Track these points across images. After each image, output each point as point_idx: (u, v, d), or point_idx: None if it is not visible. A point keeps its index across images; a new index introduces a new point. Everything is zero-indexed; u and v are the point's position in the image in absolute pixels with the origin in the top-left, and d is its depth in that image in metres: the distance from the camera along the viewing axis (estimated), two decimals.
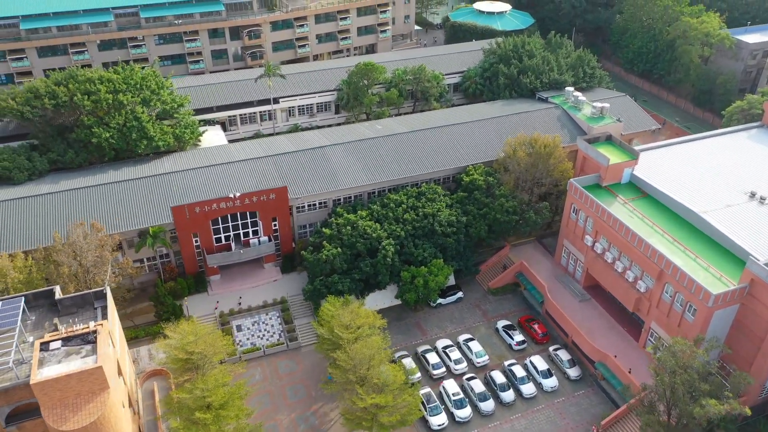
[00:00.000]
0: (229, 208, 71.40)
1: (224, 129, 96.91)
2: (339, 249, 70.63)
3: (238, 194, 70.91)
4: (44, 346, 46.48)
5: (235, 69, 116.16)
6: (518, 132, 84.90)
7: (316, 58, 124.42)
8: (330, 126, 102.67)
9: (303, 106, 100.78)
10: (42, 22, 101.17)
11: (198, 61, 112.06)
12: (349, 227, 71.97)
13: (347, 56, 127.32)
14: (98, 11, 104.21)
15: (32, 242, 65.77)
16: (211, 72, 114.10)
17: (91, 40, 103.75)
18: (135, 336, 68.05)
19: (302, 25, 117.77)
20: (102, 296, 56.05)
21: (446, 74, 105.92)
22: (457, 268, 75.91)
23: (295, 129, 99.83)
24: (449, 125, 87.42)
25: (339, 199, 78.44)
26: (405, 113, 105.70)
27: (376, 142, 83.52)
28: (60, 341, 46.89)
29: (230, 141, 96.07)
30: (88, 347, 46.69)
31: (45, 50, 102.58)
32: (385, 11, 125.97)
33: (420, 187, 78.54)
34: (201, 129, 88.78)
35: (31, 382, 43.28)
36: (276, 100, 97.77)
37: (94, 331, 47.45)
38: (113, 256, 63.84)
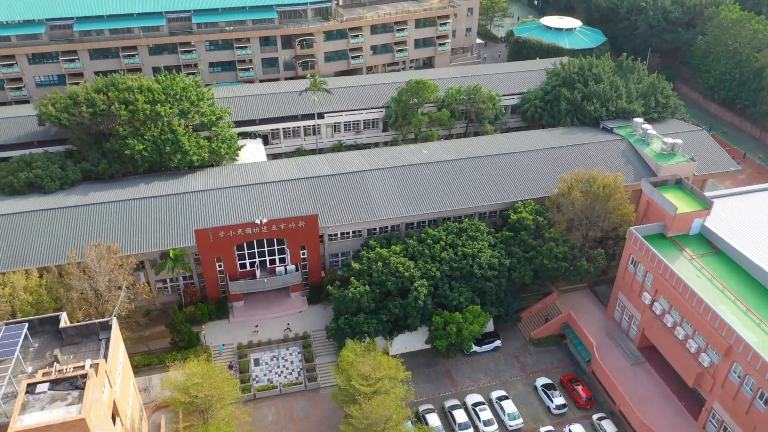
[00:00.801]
0: (256, 234, 67.41)
1: (266, 142, 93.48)
2: (367, 287, 65.41)
3: (265, 220, 66.81)
4: (30, 388, 43.34)
5: (286, 78, 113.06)
6: (576, 166, 77.47)
7: (369, 69, 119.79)
8: (376, 144, 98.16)
9: (349, 122, 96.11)
10: (95, 24, 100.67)
11: (248, 69, 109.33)
12: (380, 263, 66.65)
13: (402, 68, 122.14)
14: (151, 15, 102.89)
15: (49, 258, 63.70)
16: (260, 80, 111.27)
17: (143, 44, 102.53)
18: (148, 363, 65.00)
19: (357, 36, 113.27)
20: (107, 328, 53.16)
21: (504, 95, 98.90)
22: (496, 314, 69.35)
23: (339, 146, 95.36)
24: (500, 154, 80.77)
25: (374, 230, 73.30)
26: (457, 134, 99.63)
27: (419, 169, 77.84)
28: (48, 383, 43.69)
29: (271, 155, 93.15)
30: (76, 393, 43.21)
31: (97, 52, 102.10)
32: (445, 23, 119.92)
33: (462, 222, 72.31)
34: (240, 143, 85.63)
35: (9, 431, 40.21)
36: (321, 115, 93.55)
37: (85, 375, 43.99)
38: (130, 280, 60.84)
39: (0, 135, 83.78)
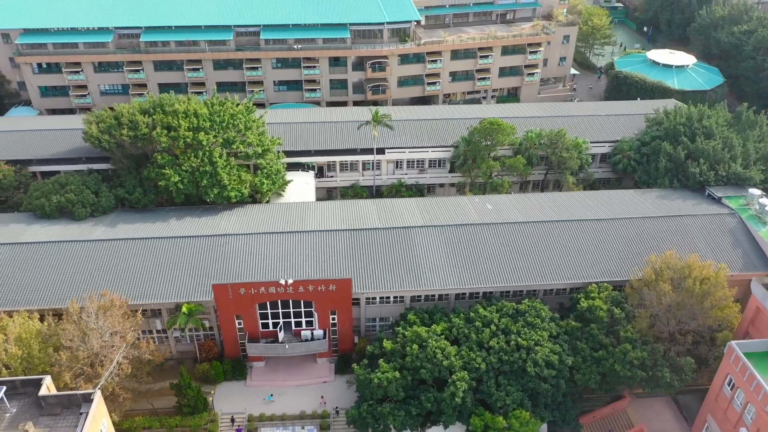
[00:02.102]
0: (280, 294, 59.64)
1: (321, 174, 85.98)
2: (397, 372, 56.03)
3: (290, 281, 58.89)
4: None
5: (354, 102, 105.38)
6: (669, 245, 64.50)
7: (447, 97, 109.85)
8: (441, 185, 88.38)
9: (413, 160, 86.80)
10: (162, 35, 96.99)
11: (314, 90, 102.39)
12: (416, 345, 57.01)
13: (483, 98, 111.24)
14: (219, 28, 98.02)
15: (56, 299, 58.86)
16: (327, 102, 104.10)
17: (208, 59, 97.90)
18: (149, 426, 58.72)
19: (435, 61, 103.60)
20: (90, 400, 47.04)
21: (593, 142, 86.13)
22: (550, 419, 57.98)
23: (399, 185, 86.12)
24: (577, 220, 68.93)
25: (419, 297, 63.81)
26: (534, 180, 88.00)
27: (479, 230, 67.49)
28: None
29: (325, 188, 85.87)
30: None
31: (161, 64, 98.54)
32: (536, 52, 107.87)
33: (521, 302, 61.29)
34: (288, 176, 78.60)
35: None
36: (381, 151, 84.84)
37: None
38: (132, 339, 54.69)
39: (51, 147, 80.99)
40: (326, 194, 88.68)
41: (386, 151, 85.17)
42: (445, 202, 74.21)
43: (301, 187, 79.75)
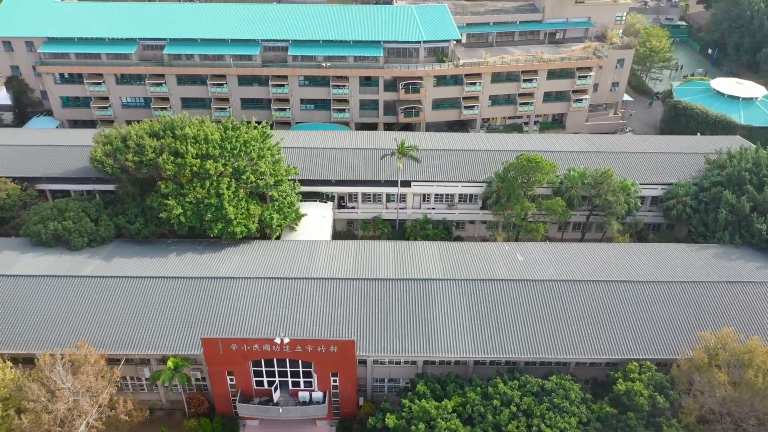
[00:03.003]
0: (276, 352, 53.54)
1: (341, 203, 79.87)
2: None
3: (287, 339, 52.69)
4: None
5: (385, 124, 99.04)
6: (726, 319, 55.92)
7: (485, 121, 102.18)
8: (472, 222, 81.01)
9: (441, 194, 79.72)
10: (186, 47, 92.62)
11: (343, 110, 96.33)
12: (422, 424, 49.99)
13: (525, 123, 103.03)
14: (246, 42, 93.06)
15: (32, 343, 54.16)
16: (356, 123, 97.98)
17: (233, 74, 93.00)
18: None
19: (474, 83, 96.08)
20: None
21: (643, 184, 77.22)
22: None
23: (425, 221, 79.19)
24: (620, 282, 60.61)
25: (433, 361, 56.79)
26: (574, 222, 79.65)
27: (506, 288, 59.98)
28: None
29: (345, 221, 79.83)
30: None
31: (185, 78, 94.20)
32: (586, 77, 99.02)
33: (548, 377, 53.51)
34: (303, 208, 72.86)
35: None
36: (407, 183, 78.03)
37: None
38: (108, 395, 49.51)
39: (62, 164, 77.13)
40: (346, 226, 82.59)
41: (412, 183, 78.31)
42: (470, 249, 66.86)
43: (316, 221, 73.78)
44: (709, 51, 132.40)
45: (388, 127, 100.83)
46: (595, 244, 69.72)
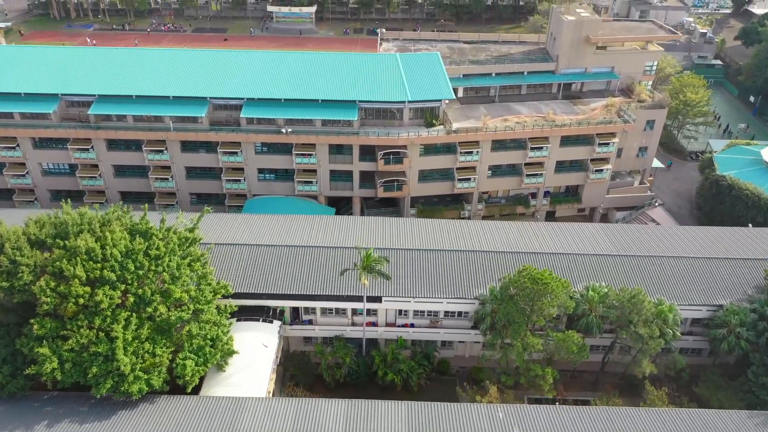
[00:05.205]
0: None
1: (296, 316, 62.70)
2: None
3: None
4: None
5: (364, 200, 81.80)
6: None
7: (485, 195, 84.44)
8: (462, 341, 63.71)
9: (421, 311, 62.27)
10: (116, 106, 75.50)
11: (309, 182, 78.91)
12: None
13: (532, 193, 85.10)
14: (191, 101, 75.80)
15: None
16: (326, 197, 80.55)
17: (172, 139, 75.92)
18: None
19: (470, 152, 78.34)
20: None
21: (684, 307, 59.37)
22: None
23: (400, 344, 61.88)
24: None
25: None
26: (594, 357, 61.75)
27: None
28: None
29: (302, 339, 63.26)
30: None
31: (117, 142, 77.27)
32: (608, 144, 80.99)
33: None
34: (238, 339, 55.61)
35: None
36: (377, 299, 60.65)
37: None
38: None
39: None
40: (302, 343, 65.48)
41: (384, 299, 60.86)
42: (447, 412, 49.16)
43: (254, 354, 56.31)
44: (751, 99, 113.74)
45: (367, 202, 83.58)
46: (620, 410, 51.35)
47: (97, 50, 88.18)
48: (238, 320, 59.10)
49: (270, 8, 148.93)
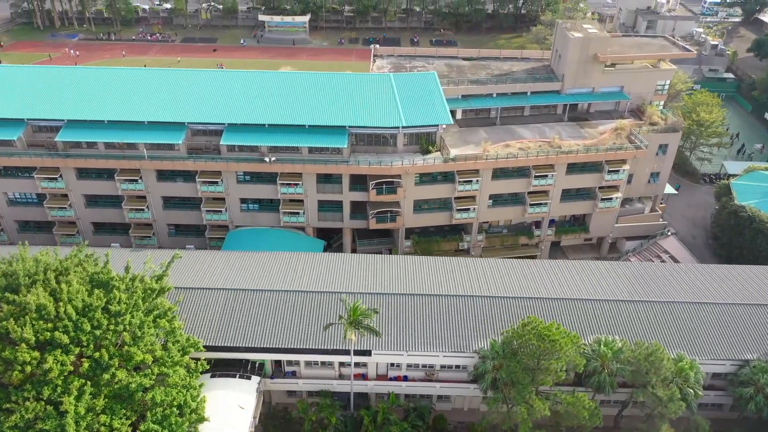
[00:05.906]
0: None
1: (278, 369, 56.95)
2: None
3: None
4: None
5: (354, 230, 76.03)
6: None
7: (484, 225, 78.56)
8: (461, 397, 57.64)
9: (415, 364, 56.49)
10: (86, 132, 69.71)
11: (296, 213, 73.09)
12: None
13: (536, 222, 79.26)
14: (167, 126, 69.95)
15: None
16: (314, 228, 74.76)
17: (147, 168, 70.12)
18: None
19: (470, 181, 72.51)
20: None
21: (705, 363, 53.62)
22: None
23: (391, 402, 56.10)
24: None
25: None
26: (606, 410, 55.80)
27: None
28: None
29: (285, 393, 57.67)
30: None
31: (87, 171, 71.50)
32: (617, 170, 75.20)
33: None
34: (209, 402, 49.76)
35: None
36: (366, 352, 54.85)
37: None
38: None
39: None
40: (286, 396, 59.73)
41: (373, 352, 55.08)
42: None
43: (227, 420, 50.40)
44: (766, 116, 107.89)
45: (358, 233, 77.76)
46: None
47: (67, 69, 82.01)
48: (212, 376, 53.54)
49: (262, 17, 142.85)
